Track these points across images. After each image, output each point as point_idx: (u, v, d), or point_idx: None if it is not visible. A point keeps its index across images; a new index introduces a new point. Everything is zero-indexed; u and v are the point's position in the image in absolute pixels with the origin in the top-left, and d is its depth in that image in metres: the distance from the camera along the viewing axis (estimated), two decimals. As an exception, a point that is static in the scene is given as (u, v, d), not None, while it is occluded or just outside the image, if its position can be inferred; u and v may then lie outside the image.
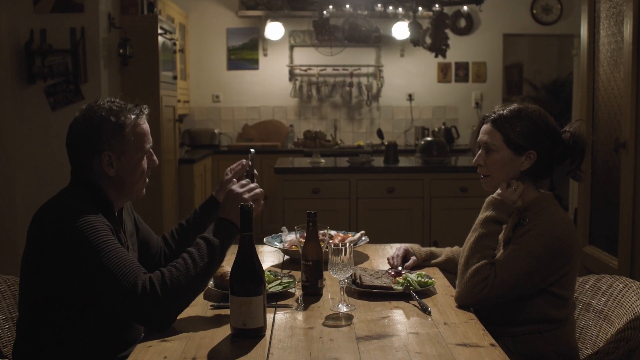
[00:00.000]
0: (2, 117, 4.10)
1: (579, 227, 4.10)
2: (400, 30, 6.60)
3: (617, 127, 3.59)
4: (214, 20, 6.96)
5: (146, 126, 1.87)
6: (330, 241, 2.33)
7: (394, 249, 2.36)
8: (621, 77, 3.55)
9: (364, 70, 7.05)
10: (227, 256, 2.02)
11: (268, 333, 1.65)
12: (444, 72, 7.11)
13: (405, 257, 2.29)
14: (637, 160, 3.35)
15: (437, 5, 5.03)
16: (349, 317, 1.76)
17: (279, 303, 1.88)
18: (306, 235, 1.97)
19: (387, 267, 2.28)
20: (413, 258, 2.27)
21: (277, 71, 7.04)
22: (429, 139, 4.96)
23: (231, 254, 1.82)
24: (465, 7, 6.06)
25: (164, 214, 4.91)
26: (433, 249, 2.36)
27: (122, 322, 1.83)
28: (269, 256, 2.50)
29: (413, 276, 2.01)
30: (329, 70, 7.01)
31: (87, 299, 1.71)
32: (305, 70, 7.02)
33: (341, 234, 2.49)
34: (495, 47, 7.11)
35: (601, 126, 3.87)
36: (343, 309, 1.81)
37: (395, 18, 6.15)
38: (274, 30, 6.76)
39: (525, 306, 1.89)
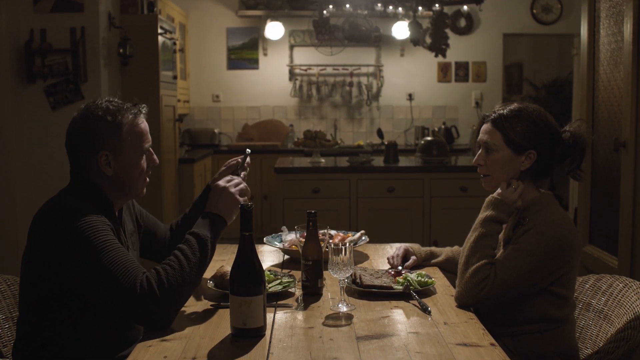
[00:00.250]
0: (2, 116, 4.09)
1: (579, 226, 4.10)
2: (400, 30, 6.60)
3: (617, 127, 3.59)
4: (214, 19, 6.96)
5: (145, 125, 1.86)
6: (330, 241, 2.33)
7: (394, 249, 2.36)
8: (621, 76, 3.55)
9: (364, 69, 7.05)
10: (228, 255, 2.02)
11: (268, 333, 1.65)
12: (444, 72, 7.10)
13: (405, 256, 2.29)
14: (637, 159, 3.35)
15: (437, 5, 5.03)
16: (349, 317, 1.76)
17: (279, 303, 1.88)
18: (306, 234, 1.97)
19: (387, 266, 2.28)
20: (413, 258, 2.27)
21: (277, 71, 7.04)
22: (429, 138, 4.95)
23: (231, 254, 1.82)
24: (465, 7, 6.06)
25: (164, 214, 4.91)
26: (433, 248, 2.36)
27: (122, 322, 1.83)
28: (269, 256, 2.50)
29: (413, 276, 2.01)
30: (329, 70, 7.01)
31: (87, 298, 1.71)
32: (305, 70, 7.02)
33: (341, 234, 2.49)
34: (495, 47, 7.11)
35: (601, 126, 3.87)
36: (343, 308, 1.81)
37: (395, 18, 6.15)
38: (274, 29, 6.76)
39: (525, 306, 1.89)
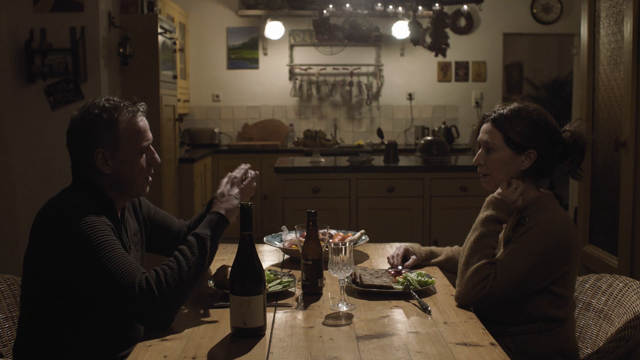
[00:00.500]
0: (2, 116, 4.09)
1: (579, 226, 4.10)
2: (400, 30, 6.59)
3: (617, 127, 3.59)
4: (214, 19, 6.96)
5: (144, 123, 1.85)
6: (330, 240, 2.33)
7: (394, 248, 2.36)
8: (621, 76, 3.55)
9: (364, 69, 7.04)
10: (228, 255, 2.02)
11: (268, 332, 1.65)
12: (444, 72, 7.10)
13: (405, 256, 2.29)
14: (637, 159, 3.35)
15: (437, 5, 5.03)
16: (349, 317, 1.76)
17: (279, 302, 1.88)
18: (306, 234, 1.97)
19: (387, 266, 2.28)
20: (413, 257, 2.27)
21: (277, 70, 7.04)
22: (429, 138, 4.95)
23: (231, 253, 1.82)
24: (465, 7, 6.06)
25: (164, 213, 4.90)
26: (433, 248, 2.36)
27: (123, 322, 1.83)
28: (269, 255, 2.50)
29: (413, 275, 2.01)
30: (329, 70, 7.01)
31: (87, 298, 1.71)
32: (305, 70, 7.02)
33: (341, 233, 2.49)
34: (495, 47, 7.10)
35: (601, 125, 3.87)
36: (343, 308, 1.81)
37: (395, 17, 6.15)
38: (274, 29, 6.76)
39: (525, 305, 1.89)
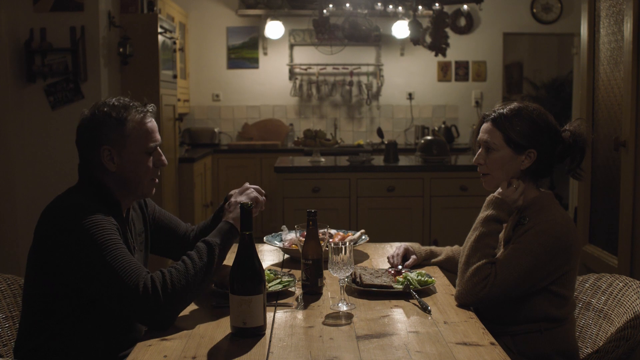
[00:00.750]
0: (1, 115, 4.09)
1: (579, 226, 4.10)
2: (400, 29, 6.59)
3: (617, 126, 3.59)
4: (214, 19, 6.96)
5: (152, 125, 1.87)
6: (330, 240, 2.33)
7: (394, 248, 2.36)
8: (621, 76, 3.55)
9: (364, 69, 7.04)
10: (228, 255, 2.02)
11: (268, 332, 1.65)
12: (444, 71, 7.10)
13: (405, 256, 2.29)
14: (637, 159, 3.35)
15: (437, 4, 5.03)
16: (349, 316, 1.76)
17: (279, 302, 1.88)
18: (306, 234, 1.97)
19: (387, 266, 2.28)
20: (413, 257, 2.27)
21: (277, 70, 7.04)
22: (429, 137, 4.95)
23: (231, 253, 1.82)
24: (465, 6, 6.06)
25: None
26: (433, 247, 2.36)
27: (124, 321, 1.83)
28: (269, 255, 2.50)
29: (413, 275, 2.01)
30: (329, 69, 7.00)
31: (90, 297, 1.71)
32: (305, 69, 7.01)
33: (341, 233, 2.49)
34: (495, 46, 7.10)
35: (601, 125, 3.87)
36: (343, 307, 1.81)
37: (395, 17, 6.15)
38: (274, 29, 6.75)
39: (525, 305, 1.89)
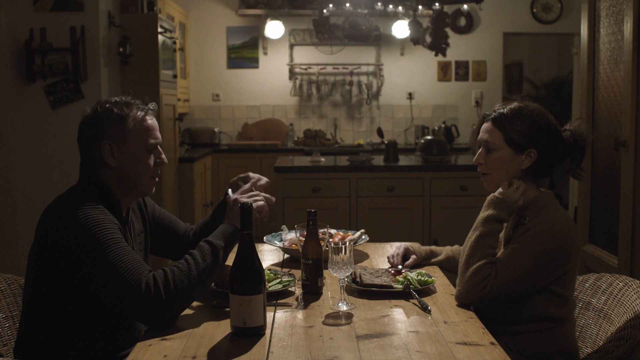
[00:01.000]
0: (1, 115, 4.09)
1: (579, 225, 4.10)
2: (401, 29, 6.59)
3: (617, 126, 3.59)
4: (214, 18, 6.96)
5: (152, 122, 1.89)
6: (330, 240, 2.33)
7: (394, 248, 2.36)
8: (621, 75, 3.55)
9: (364, 68, 7.04)
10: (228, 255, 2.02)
11: (268, 332, 1.65)
12: (444, 71, 7.10)
13: (405, 255, 2.29)
14: (637, 159, 3.35)
15: (437, 4, 5.03)
16: (349, 316, 1.76)
17: (279, 302, 1.88)
18: (306, 233, 1.97)
19: (387, 265, 2.28)
20: (413, 257, 2.27)
21: (277, 70, 7.04)
22: (429, 137, 4.95)
23: (232, 253, 1.82)
24: (465, 6, 6.05)
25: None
26: (433, 247, 2.36)
27: (124, 321, 1.83)
28: (269, 255, 2.50)
29: (413, 275, 2.01)
30: (329, 69, 7.00)
31: (90, 296, 1.71)
32: (305, 69, 7.01)
33: (341, 233, 2.49)
34: (496, 46, 7.10)
35: (601, 125, 3.87)
36: (343, 307, 1.81)
37: (395, 17, 6.15)
38: (274, 28, 6.75)
39: (525, 305, 1.89)
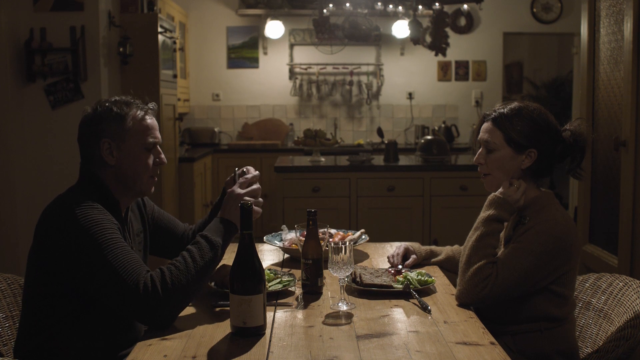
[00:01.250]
0: (1, 115, 4.09)
1: (579, 225, 4.10)
2: (401, 29, 6.59)
3: (617, 126, 3.59)
4: (214, 18, 6.96)
5: (152, 122, 1.89)
6: (330, 240, 2.33)
7: (394, 248, 2.36)
8: (621, 75, 3.54)
9: (364, 68, 7.04)
10: (228, 254, 2.02)
11: (268, 331, 1.65)
12: (444, 71, 7.10)
13: (405, 255, 2.29)
14: (637, 159, 3.35)
15: (437, 4, 5.03)
16: (349, 316, 1.76)
17: (279, 301, 1.88)
18: (306, 233, 1.97)
19: (387, 265, 2.28)
20: (413, 256, 2.27)
21: (277, 70, 7.03)
22: (429, 137, 4.95)
23: (231, 252, 1.82)
24: (465, 6, 6.05)
25: (164, 213, 4.90)
26: (433, 247, 2.36)
27: (123, 321, 1.83)
28: (269, 255, 2.50)
29: (413, 275, 2.01)
30: (329, 69, 7.00)
31: (90, 296, 1.71)
32: (305, 69, 7.01)
33: (341, 233, 2.49)
34: (496, 46, 7.10)
35: (601, 125, 3.87)
36: (343, 307, 1.81)
37: (396, 16, 6.15)
38: (274, 28, 6.75)
39: (525, 304, 1.89)
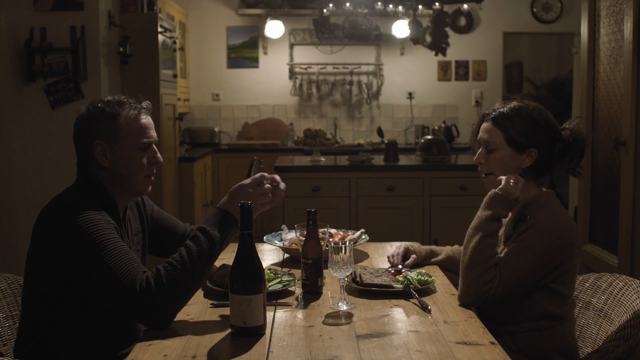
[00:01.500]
0: (1, 115, 4.09)
1: (579, 225, 4.10)
2: (401, 29, 6.59)
3: (617, 126, 3.59)
4: (214, 18, 6.96)
5: (146, 121, 1.87)
6: (330, 239, 2.33)
7: (394, 247, 2.36)
8: (621, 75, 3.54)
9: (364, 68, 7.04)
10: (228, 254, 2.02)
11: (268, 331, 1.65)
12: (444, 71, 7.10)
13: (405, 255, 2.29)
14: (637, 158, 3.35)
15: (437, 4, 5.03)
16: (349, 316, 1.76)
17: (279, 301, 1.88)
18: (306, 233, 1.97)
19: (387, 265, 2.28)
20: (413, 256, 2.27)
21: (277, 69, 7.03)
22: (429, 137, 4.95)
23: (231, 252, 1.82)
24: (465, 6, 6.05)
25: (164, 213, 4.90)
26: (433, 247, 2.36)
27: (123, 321, 1.83)
28: (269, 254, 2.50)
29: (413, 274, 2.01)
30: (329, 69, 7.00)
31: (88, 296, 1.71)
32: (306, 69, 7.01)
33: (341, 232, 2.49)
34: (496, 46, 7.10)
35: (601, 125, 3.87)
36: (343, 307, 1.81)
37: (396, 16, 6.14)
38: (274, 28, 6.75)
39: (525, 303, 1.89)
